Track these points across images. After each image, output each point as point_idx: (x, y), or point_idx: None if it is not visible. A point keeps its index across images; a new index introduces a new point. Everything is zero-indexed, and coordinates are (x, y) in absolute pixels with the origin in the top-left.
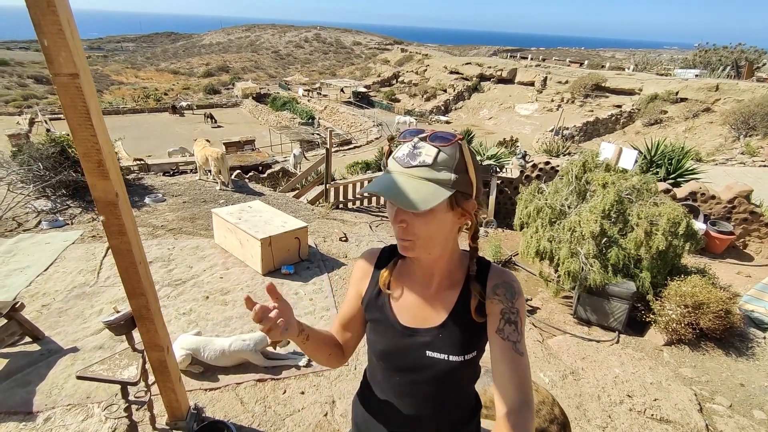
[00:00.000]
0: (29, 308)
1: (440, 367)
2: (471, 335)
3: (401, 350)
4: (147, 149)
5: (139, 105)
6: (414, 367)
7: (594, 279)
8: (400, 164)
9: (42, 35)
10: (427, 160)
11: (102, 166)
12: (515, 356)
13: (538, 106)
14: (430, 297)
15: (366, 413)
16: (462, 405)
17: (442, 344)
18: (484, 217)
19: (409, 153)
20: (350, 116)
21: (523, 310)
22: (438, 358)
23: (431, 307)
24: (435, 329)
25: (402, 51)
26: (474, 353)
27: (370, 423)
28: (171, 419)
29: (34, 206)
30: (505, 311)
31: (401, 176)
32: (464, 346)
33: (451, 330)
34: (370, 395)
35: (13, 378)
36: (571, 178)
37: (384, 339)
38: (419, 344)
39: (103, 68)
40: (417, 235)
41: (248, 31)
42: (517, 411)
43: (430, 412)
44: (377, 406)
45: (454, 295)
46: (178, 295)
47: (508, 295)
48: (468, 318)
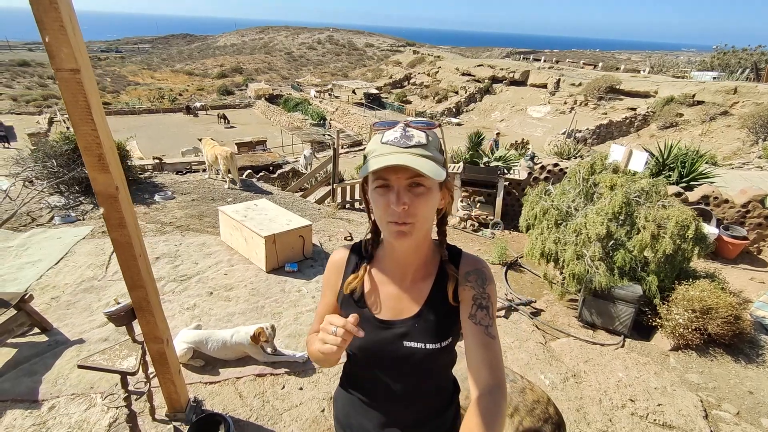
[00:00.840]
0: (39, 300)
1: (418, 356)
2: (446, 322)
3: (378, 344)
4: (161, 149)
5: (155, 105)
6: (392, 358)
7: (599, 282)
8: (398, 145)
9: (44, 31)
10: (422, 141)
11: (102, 159)
12: (487, 340)
13: (550, 108)
14: (406, 289)
15: (346, 407)
16: (440, 392)
17: (418, 333)
18: (491, 219)
19: (402, 135)
20: (361, 117)
21: (493, 295)
22: (415, 347)
23: (407, 299)
24: (410, 319)
25: (414, 53)
26: (449, 339)
27: (351, 416)
28: (170, 411)
29: (47, 202)
30: (477, 297)
31: (404, 154)
32: (440, 333)
33: (427, 319)
34: (350, 389)
35: (20, 367)
36: (578, 179)
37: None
38: (396, 336)
39: (121, 69)
40: (417, 216)
41: (262, 32)
42: (489, 393)
43: (408, 400)
44: (357, 400)
45: (428, 285)
46: (183, 290)
47: (480, 281)
48: (442, 305)
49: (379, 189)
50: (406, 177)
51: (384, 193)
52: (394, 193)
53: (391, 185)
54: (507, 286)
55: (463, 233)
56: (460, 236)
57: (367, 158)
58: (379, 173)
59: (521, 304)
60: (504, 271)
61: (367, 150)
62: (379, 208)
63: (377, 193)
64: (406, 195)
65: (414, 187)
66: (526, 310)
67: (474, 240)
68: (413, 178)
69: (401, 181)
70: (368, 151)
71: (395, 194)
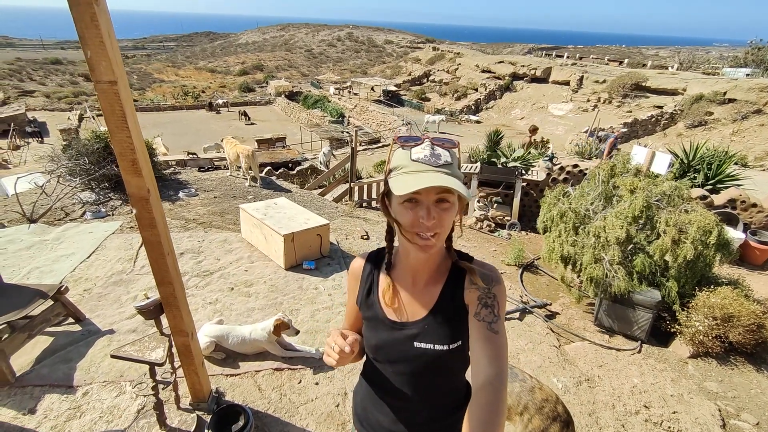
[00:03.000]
0: (73, 292)
1: (427, 356)
2: (455, 325)
3: (391, 343)
4: (184, 144)
5: (179, 102)
6: (404, 358)
7: (618, 286)
8: (429, 164)
9: (86, 47)
10: (449, 160)
11: (136, 164)
12: (489, 334)
13: (572, 106)
14: (417, 293)
15: (365, 401)
16: (452, 393)
17: (428, 335)
18: (508, 219)
19: (431, 154)
20: (380, 115)
21: (500, 295)
22: (425, 347)
23: (418, 302)
24: (421, 321)
25: (433, 49)
26: (459, 342)
27: (368, 410)
28: (194, 400)
29: (80, 197)
30: (482, 296)
31: (437, 173)
32: (449, 335)
33: (436, 321)
34: (368, 386)
35: (57, 354)
36: (597, 181)
37: (376, 334)
38: (407, 336)
39: (146, 67)
40: (443, 227)
41: (283, 30)
42: (489, 384)
43: (420, 399)
44: (374, 396)
45: (438, 289)
46: (205, 285)
47: (485, 282)
48: (452, 308)
49: (408, 203)
50: (436, 193)
51: (412, 207)
52: (424, 208)
53: (421, 201)
54: (522, 287)
55: (479, 233)
56: (476, 236)
57: (393, 172)
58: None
59: (536, 307)
60: (520, 273)
61: (395, 164)
62: (406, 221)
63: (405, 207)
64: (434, 210)
65: (441, 203)
66: (541, 312)
67: (490, 240)
68: (441, 194)
69: (431, 197)
70: (396, 165)
71: (425, 209)
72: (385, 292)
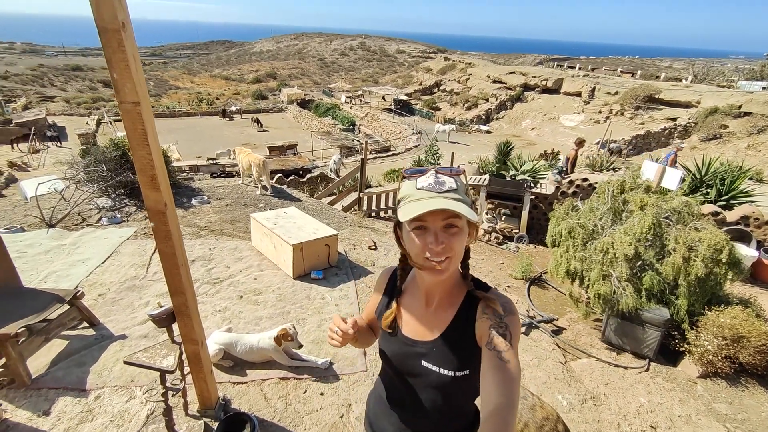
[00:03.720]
0: (87, 297)
1: (432, 377)
2: (464, 353)
3: (402, 357)
4: (198, 150)
5: (193, 108)
6: (411, 373)
7: (626, 303)
8: (433, 191)
9: (112, 69)
10: (453, 186)
11: (154, 180)
12: (499, 363)
13: (584, 117)
14: (429, 314)
15: (376, 407)
16: (457, 418)
17: (435, 357)
18: (516, 232)
19: (435, 182)
20: (390, 123)
21: (513, 326)
22: (431, 368)
23: (429, 323)
24: (430, 343)
25: (445, 59)
26: (467, 372)
27: (378, 416)
28: (202, 407)
29: (96, 203)
30: (493, 326)
31: (441, 199)
32: (456, 362)
33: (444, 346)
34: (381, 393)
35: (71, 358)
36: (607, 197)
37: (390, 346)
38: (416, 354)
39: (163, 74)
40: (454, 251)
41: (296, 39)
42: (497, 414)
43: (425, 416)
44: (384, 403)
45: (451, 315)
46: (215, 292)
47: (497, 313)
48: (462, 336)
49: (416, 231)
50: (442, 218)
51: (421, 234)
52: (432, 234)
53: (428, 227)
54: (529, 301)
55: (487, 245)
56: (484, 249)
57: (401, 202)
58: (418, 216)
59: (542, 321)
60: (527, 287)
61: (402, 194)
62: (416, 247)
63: (414, 234)
64: (442, 235)
65: (449, 228)
66: (548, 327)
67: (498, 253)
68: (448, 220)
69: (438, 223)
70: (403, 195)
71: (433, 235)
72: (386, 317)
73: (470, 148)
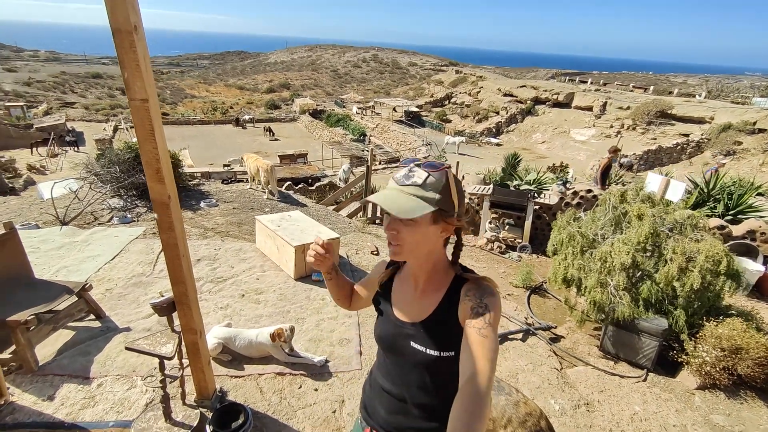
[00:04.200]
0: (96, 290)
1: (420, 357)
2: (448, 335)
3: (393, 337)
4: (210, 157)
5: (207, 117)
6: (401, 352)
7: (623, 312)
8: (396, 182)
9: (124, 68)
10: (417, 181)
11: (159, 173)
12: (477, 338)
13: (595, 131)
14: (416, 297)
15: (371, 392)
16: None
17: (422, 338)
18: (519, 242)
19: (404, 174)
20: (400, 135)
21: (493, 305)
22: (418, 349)
23: (417, 306)
24: (417, 324)
25: (456, 72)
26: (452, 353)
27: (373, 401)
28: (198, 397)
29: (109, 203)
30: (474, 306)
31: (395, 191)
32: (441, 343)
33: (430, 328)
34: (375, 377)
35: (76, 347)
36: (608, 207)
37: (383, 326)
38: (406, 335)
39: (180, 83)
40: (405, 240)
41: (310, 50)
42: (473, 378)
43: (413, 395)
44: (378, 389)
45: (437, 299)
46: (218, 290)
47: (478, 294)
48: (447, 319)
49: (385, 214)
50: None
51: (386, 217)
52: (389, 219)
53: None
54: (528, 309)
55: (489, 254)
56: (486, 257)
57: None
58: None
59: (540, 329)
60: (527, 295)
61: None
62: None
63: (384, 216)
64: (396, 223)
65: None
66: (545, 335)
67: (500, 262)
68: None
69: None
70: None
71: (388, 221)
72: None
73: (479, 160)
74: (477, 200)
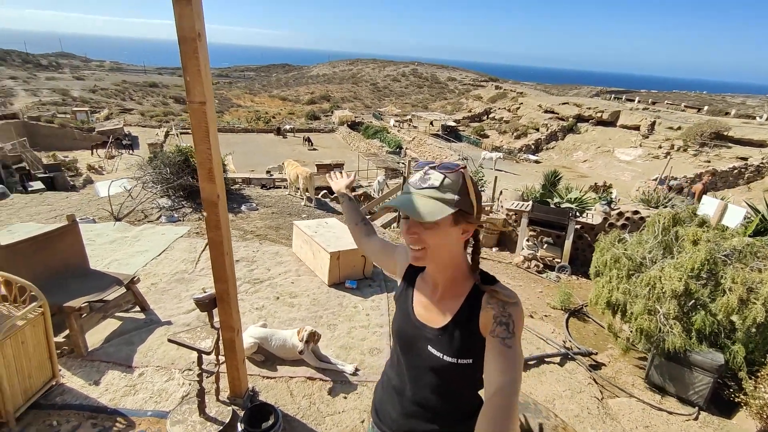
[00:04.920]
0: (142, 284)
1: (436, 362)
2: (468, 343)
3: (411, 336)
4: (252, 164)
5: (251, 125)
6: (417, 354)
7: (673, 342)
8: (413, 186)
9: (186, 73)
10: (434, 183)
11: (211, 173)
12: (502, 348)
13: (642, 151)
14: (435, 302)
15: (383, 394)
16: (459, 403)
17: (440, 344)
18: (558, 261)
19: (420, 178)
20: (436, 148)
21: (516, 315)
22: (436, 354)
23: (436, 311)
24: (437, 330)
25: (496, 88)
26: (469, 360)
27: (384, 402)
28: (232, 395)
29: (158, 203)
30: (497, 316)
31: (414, 195)
32: (459, 350)
33: (450, 334)
34: (387, 380)
35: (122, 337)
36: (657, 229)
37: (402, 322)
38: (425, 338)
39: (227, 93)
40: (427, 243)
41: (352, 64)
42: (500, 390)
43: (428, 401)
44: (390, 389)
45: (457, 305)
46: (254, 292)
47: (501, 303)
48: (467, 326)
49: (404, 219)
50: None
51: (405, 223)
52: (408, 223)
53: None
54: (567, 333)
55: (526, 272)
56: (523, 275)
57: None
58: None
59: (579, 354)
60: (565, 318)
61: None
62: (403, 234)
63: (403, 221)
64: (417, 227)
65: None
66: (585, 361)
67: (537, 281)
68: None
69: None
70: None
71: (407, 225)
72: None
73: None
74: (514, 216)
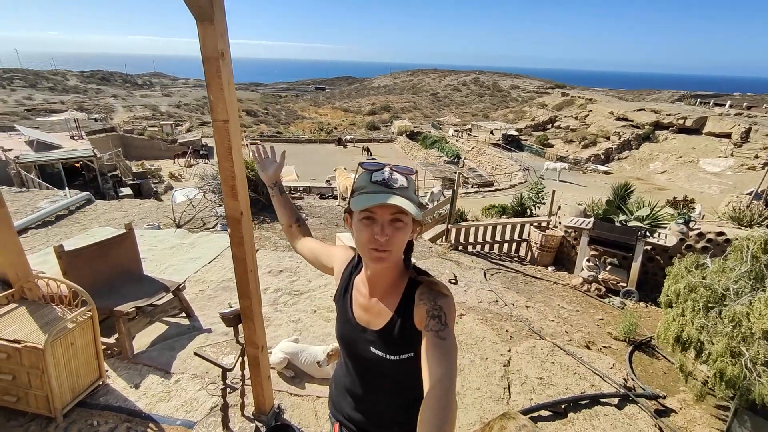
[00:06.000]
0: (190, 290)
1: (379, 361)
2: (407, 338)
3: (354, 341)
4: (313, 173)
5: (314, 136)
6: (362, 356)
7: (761, 393)
8: (385, 186)
9: (210, 91)
10: (404, 185)
11: (234, 190)
12: (436, 341)
13: (733, 162)
14: (374, 303)
15: (336, 390)
16: (404, 394)
17: (381, 344)
18: (623, 286)
19: (388, 178)
20: (496, 158)
21: (446, 307)
22: (379, 354)
23: (374, 312)
24: (377, 332)
25: (562, 95)
26: (410, 354)
27: (339, 398)
28: (256, 411)
29: (216, 212)
30: (429, 310)
31: (391, 195)
32: (400, 347)
33: (389, 334)
34: (341, 377)
35: (165, 342)
36: (746, 255)
37: (343, 327)
38: (366, 340)
39: (293, 105)
40: (395, 245)
41: (412, 75)
42: (438, 382)
43: (375, 395)
44: (342, 386)
45: (395, 303)
46: (293, 303)
47: (431, 297)
48: (405, 323)
49: (365, 221)
50: (390, 213)
51: (369, 225)
52: (379, 225)
53: (377, 218)
54: (629, 369)
55: (584, 296)
56: (580, 299)
57: (355, 192)
58: (369, 207)
59: (643, 396)
60: (629, 352)
61: (357, 185)
62: (363, 236)
63: (363, 224)
64: (388, 228)
65: (394, 222)
66: (649, 405)
67: (597, 307)
68: (396, 215)
69: (386, 216)
70: (358, 186)
71: (380, 226)
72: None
73: (583, 188)
74: (573, 234)
